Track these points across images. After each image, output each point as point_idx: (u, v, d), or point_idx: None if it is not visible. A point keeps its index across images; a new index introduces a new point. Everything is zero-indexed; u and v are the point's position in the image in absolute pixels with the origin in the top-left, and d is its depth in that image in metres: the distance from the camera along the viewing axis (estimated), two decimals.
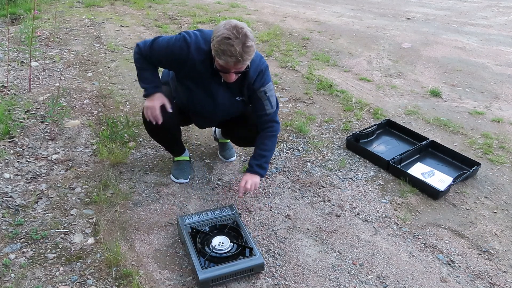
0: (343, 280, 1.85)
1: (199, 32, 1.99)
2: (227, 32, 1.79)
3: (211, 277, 1.74)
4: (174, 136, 2.35)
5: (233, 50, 1.79)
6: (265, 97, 2.08)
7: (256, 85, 2.06)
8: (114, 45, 4.44)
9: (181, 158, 2.49)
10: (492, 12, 6.82)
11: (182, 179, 2.42)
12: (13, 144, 2.61)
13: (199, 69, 2.00)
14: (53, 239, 1.98)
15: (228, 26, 1.81)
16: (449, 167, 2.65)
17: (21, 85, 3.36)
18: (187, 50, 1.95)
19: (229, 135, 2.48)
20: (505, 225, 2.21)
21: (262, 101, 2.10)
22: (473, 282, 1.87)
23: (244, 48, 1.80)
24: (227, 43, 1.78)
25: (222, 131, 2.52)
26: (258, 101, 2.10)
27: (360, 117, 3.22)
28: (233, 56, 1.80)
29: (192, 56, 1.96)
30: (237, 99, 2.15)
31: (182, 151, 2.49)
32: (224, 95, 2.11)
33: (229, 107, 2.19)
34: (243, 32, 1.80)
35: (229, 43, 1.78)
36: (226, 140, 2.67)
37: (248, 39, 1.81)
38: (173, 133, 2.31)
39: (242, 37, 1.79)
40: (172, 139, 2.37)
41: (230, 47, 1.79)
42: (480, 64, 4.40)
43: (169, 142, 2.40)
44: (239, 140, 2.43)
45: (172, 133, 2.30)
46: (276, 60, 4.31)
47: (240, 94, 2.13)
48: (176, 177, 2.42)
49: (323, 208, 2.29)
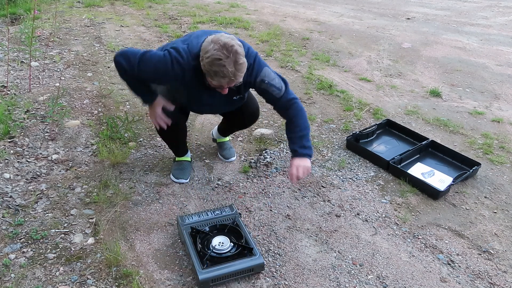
0: (343, 280, 1.85)
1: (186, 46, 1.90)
2: (217, 53, 1.74)
3: (211, 277, 1.74)
4: (182, 133, 2.36)
5: (225, 71, 1.75)
6: (267, 85, 2.00)
7: (252, 80, 2.00)
8: (114, 45, 4.44)
9: (182, 159, 2.50)
10: (492, 12, 6.82)
11: (182, 179, 2.42)
12: (13, 144, 2.61)
13: (191, 84, 1.97)
14: (53, 239, 1.98)
15: (218, 46, 1.75)
16: (449, 167, 2.65)
17: (21, 85, 3.36)
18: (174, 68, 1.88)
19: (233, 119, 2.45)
20: (505, 225, 2.21)
21: (267, 91, 2.02)
22: (473, 282, 1.87)
23: (236, 66, 1.76)
24: (219, 64, 1.74)
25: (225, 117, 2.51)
26: (264, 93, 2.04)
27: (360, 117, 3.22)
28: (226, 77, 1.77)
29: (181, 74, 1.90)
30: (234, 99, 2.13)
31: (185, 152, 2.51)
32: (220, 100, 2.09)
33: (226, 107, 2.21)
34: (234, 50, 1.75)
35: (220, 63, 1.74)
36: (224, 139, 2.68)
37: (239, 56, 1.76)
38: (181, 128, 2.31)
39: (233, 56, 1.74)
40: (180, 137, 2.38)
41: (222, 68, 1.75)
42: (480, 64, 4.40)
43: (178, 140, 2.41)
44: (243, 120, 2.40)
45: (180, 129, 2.31)
46: (276, 60, 4.31)
47: (237, 93, 2.11)
48: (176, 177, 2.43)
49: (323, 208, 2.29)
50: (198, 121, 3.08)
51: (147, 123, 3.01)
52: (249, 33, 5.08)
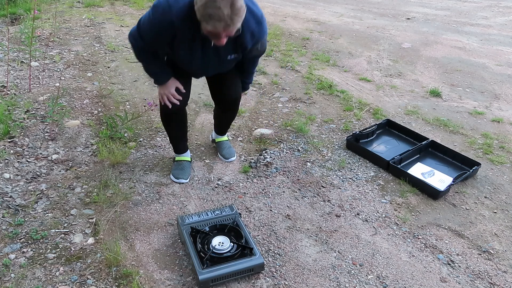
0: (343, 280, 1.85)
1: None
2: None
3: (211, 277, 1.74)
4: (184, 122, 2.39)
5: (220, 14, 1.62)
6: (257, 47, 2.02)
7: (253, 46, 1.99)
8: (114, 45, 4.44)
9: (182, 158, 2.50)
10: (492, 12, 6.81)
11: (182, 179, 2.42)
12: (13, 144, 2.61)
13: (184, 35, 1.87)
14: (53, 239, 1.98)
15: None
16: (449, 167, 2.65)
17: (21, 85, 3.36)
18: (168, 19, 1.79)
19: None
20: (505, 225, 2.21)
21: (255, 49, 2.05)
22: (473, 282, 1.87)
23: (233, 9, 1.63)
24: (213, 6, 1.62)
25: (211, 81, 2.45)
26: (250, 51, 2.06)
27: (360, 117, 3.22)
28: (222, 21, 1.64)
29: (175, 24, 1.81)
30: (228, 58, 2.05)
31: (185, 149, 2.51)
32: (213, 58, 2.03)
33: (220, 67, 2.16)
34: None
35: (215, 5, 1.61)
36: (223, 138, 2.68)
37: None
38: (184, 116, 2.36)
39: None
40: (182, 126, 2.40)
41: (217, 10, 1.62)
42: (480, 64, 4.40)
43: (181, 130, 2.42)
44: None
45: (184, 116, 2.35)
46: (276, 60, 4.31)
47: (233, 52, 2.02)
48: (176, 177, 2.43)
49: (323, 208, 2.29)
50: (198, 121, 3.08)
51: (147, 123, 3.01)
52: None
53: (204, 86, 3.63)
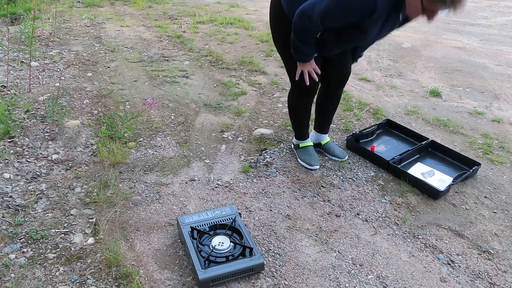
0: (343, 280, 1.85)
1: None
2: None
3: (211, 277, 1.74)
4: (310, 107, 2.52)
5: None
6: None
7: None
8: (114, 45, 4.44)
9: (306, 144, 2.63)
10: (492, 12, 6.82)
11: (315, 165, 2.57)
12: (13, 144, 2.61)
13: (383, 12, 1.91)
14: (53, 239, 1.98)
15: None
16: (449, 167, 2.65)
17: (21, 85, 3.36)
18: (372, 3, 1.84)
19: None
20: (505, 225, 2.21)
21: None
22: (473, 282, 1.87)
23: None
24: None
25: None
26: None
27: (360, 117, 3.22)
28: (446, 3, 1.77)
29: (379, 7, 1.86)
30: (390, 32, 2.17)
31: (308, 135, 2.64)
32: (387, 31, 2.11)
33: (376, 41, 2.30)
34: None
35: None
36: (328, 139, 2.75)
37: None
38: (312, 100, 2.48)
39: None
40: (309, 111, 2.54)
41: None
42: (480, 64, 4.40)
43: (308, 113, 2.55)
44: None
45: (312, 100, 2.48)
46: (276, 60, 4.31)
47: (397, 27, 2.13)
48: (309, 164, 2.57)
49: (323, 208, 2.29)
50: (198, 121, 3.08)
51: (147, 122, 3.01)
52: (249, 33, 5.08)
53: (204, 86, 3.63)
